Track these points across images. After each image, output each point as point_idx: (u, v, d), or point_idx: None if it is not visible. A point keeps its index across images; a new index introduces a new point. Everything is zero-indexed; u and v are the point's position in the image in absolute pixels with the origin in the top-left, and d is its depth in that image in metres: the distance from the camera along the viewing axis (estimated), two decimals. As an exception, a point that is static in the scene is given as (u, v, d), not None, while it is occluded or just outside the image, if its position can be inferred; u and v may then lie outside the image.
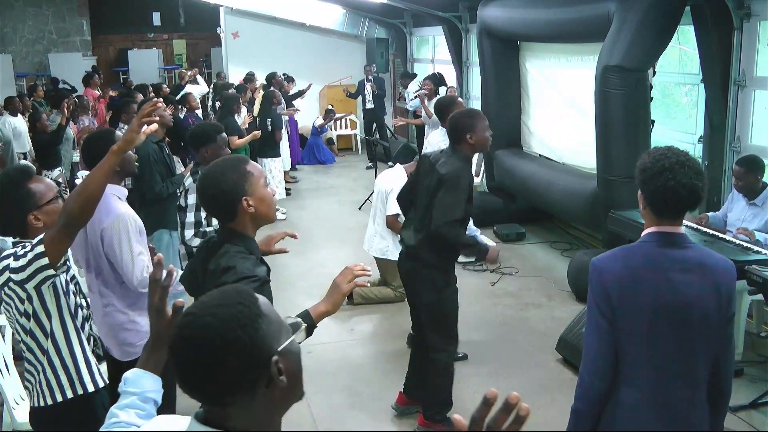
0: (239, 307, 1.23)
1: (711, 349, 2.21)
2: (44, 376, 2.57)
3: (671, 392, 2.22)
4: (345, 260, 7.04)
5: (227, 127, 8.14)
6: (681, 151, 2.24)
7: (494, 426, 1.03)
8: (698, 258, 2.21)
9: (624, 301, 2.21)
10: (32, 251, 2.35)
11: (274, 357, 1.23)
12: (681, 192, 2.17)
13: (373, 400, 4.53)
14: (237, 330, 1.20)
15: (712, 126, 5.82)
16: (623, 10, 5.61)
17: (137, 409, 1.64)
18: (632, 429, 2.23)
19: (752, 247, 4.32)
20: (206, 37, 19.14)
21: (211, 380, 1.20)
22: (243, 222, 2.30)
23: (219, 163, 2.40)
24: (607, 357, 2.23)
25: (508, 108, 8.32)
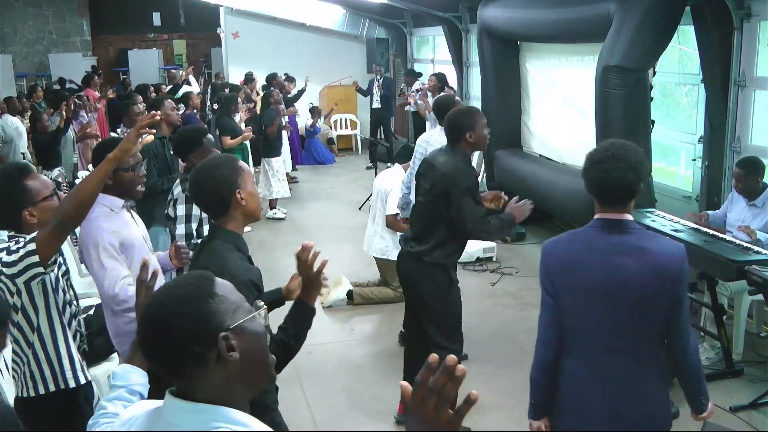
0: (189, 288, 1.38)
1: (654, 328, 2.36)
2: (29, 368, 2.64)
3: (615, 366, 2.38)
4: (345, 260, 7.05)
5: (223, 127, 8.17)
6: (624, 144, 2.39)
7: (435, 387, 1.12)
8: (639, 243, 2.35)
9: (563, 280, 2.43)
10: (24, 248, 2.42)
11: (222, 333, 1.34)
12: (611, 183, 2.35)
13: (373, 400, 4.53)
14: (182, 307, 1.34)
15: (712, 126, 5.82)
16: (623, 10, 5.61)
17: (124, 401, 1.77)
18: (574, 395, 2.46)
19: (752, 247, 4.32)
20: (206, 37, 19.14)
21: (163, 352, 1.35)
22: (233, 217, 2.39)
23: (211, 159, 2.51)
24: (552, 329, 2.47)
25: (508, 108, 8.31)
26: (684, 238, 4.52)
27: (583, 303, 2.40)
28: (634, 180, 2.35)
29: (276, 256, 7.42)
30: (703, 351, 4.83)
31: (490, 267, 6.87)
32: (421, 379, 1.13)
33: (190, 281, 1.40)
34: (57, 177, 6.34)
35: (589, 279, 2.38)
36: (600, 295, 2.36)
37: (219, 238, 2.37)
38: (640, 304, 2.32)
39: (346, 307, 5.99)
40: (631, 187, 2.37)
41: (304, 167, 12.51)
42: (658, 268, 2.30)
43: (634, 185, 2.36)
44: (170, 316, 1.34)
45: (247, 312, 1.41)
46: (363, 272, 6.49)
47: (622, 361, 2.38)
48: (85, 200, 2.44)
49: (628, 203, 2.42)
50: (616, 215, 2.40)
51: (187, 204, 3.94)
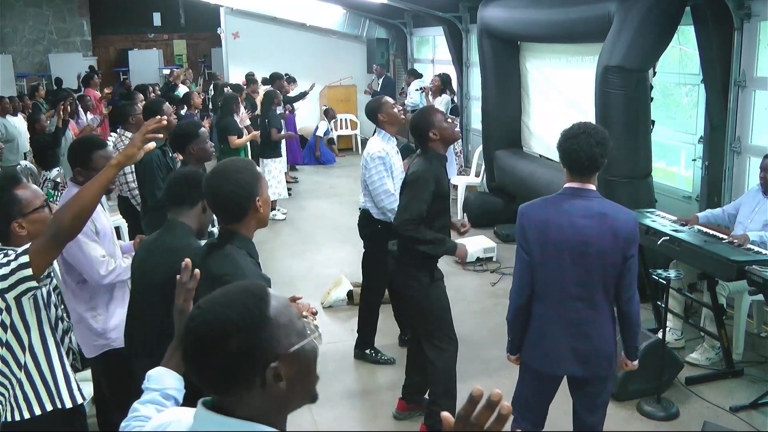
0: (241, 311, 1.25)
1: (609, 280, 2.86)
2: (21, 390, 2.46)
3: (575, 311, 2.90)
4: (345, 260, 7.05)
5: (227, 127, 8.17)
6: (593, 125, 2.92)
7: (478, 423, 1.06)
8: (600, 209, 2.85)
9: (536, 238, 2.92)
10: (16, 260, 2.27)
11: (273, 363, 1.24)
12: (581, 155, 2.83)
13: (373, 400, 4.53)
14: (233, 335, 1.23)
15: (713, 126, 5.82)
16: (623, 10, 5.61)
17: (158, 405, 1.69)
18: (541, 334, 2.98)
19: (752, 248, 4.32)
20: (206, 37, 19.15)
21: (206, 373, 1.26)
22: (248, 224, 2.34)
23: (232, 162, 2.42)
24: (524, 280, 2.98)
25: (508, 108, 8.32)
26: (684, 238, 4.53)
27: (552, 257, 2.89)
28: (600, 153, 2.81)
29: (276, 256, 7.42)
30: (703, 351, 4.83)
31: (490, 267, 6.86)
32: (464, 413, 1.06)
33: (244, 300, 1.27)
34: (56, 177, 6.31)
35: (558, 237, 2.87)
36: (566, 250, 2.85)
37: (231, 243, 2.31)
38: (598, 259, 2.81)
39: (346, 307, 5.99)
40: (597, 159, 2.82)
41: (305, 167, 12.51)
42: (615, 230, 2.81)
43: (599, 158, 2.82)
44: (217, 341, 1.23)
45: (300, 335, 1.30)
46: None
47: (581, 307, 2.90)
48: (85, 208, 2.29)
49: (593, 174, 2.88)
50: (581, 185, 2.88)
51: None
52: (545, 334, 2.99)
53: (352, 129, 14.22)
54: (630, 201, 5.69)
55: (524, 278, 2.98)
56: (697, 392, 4.45)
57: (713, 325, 4.61)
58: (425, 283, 3.80)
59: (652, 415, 4.19)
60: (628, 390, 4.33)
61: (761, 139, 5.50)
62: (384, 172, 4.62)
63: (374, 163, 4.63)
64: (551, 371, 3.06)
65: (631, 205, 5.48)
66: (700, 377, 4.61)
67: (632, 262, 2.88)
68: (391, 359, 5.00)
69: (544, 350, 3.01)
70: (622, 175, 5.86)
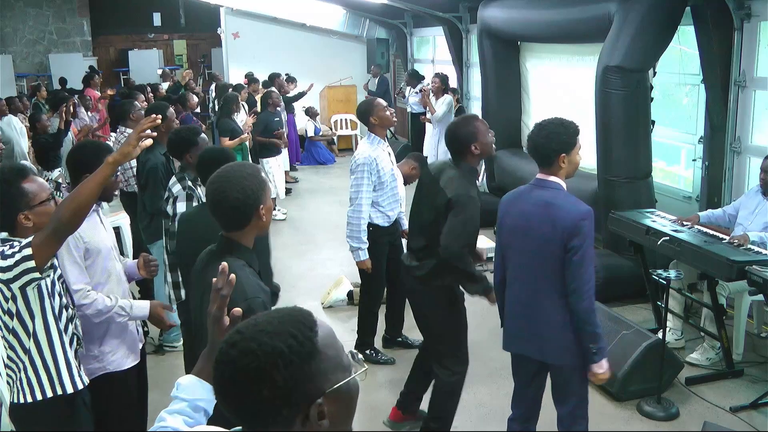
0: (290, 341, 1.15)
1: (551, 268, 2.95)
2: (25, 374, 2.60)
3: (524, 293, 3.10)
4: (345, 260, 7.04)
5: (222, 128, 8.16)
6: (554, 119, 3.02)
7: None
8: (550, 199, 2.96)
9: (500, 222, 3.21)
10: (20, 252, 2.37)
11: (318, 400, 1.16)
12: (531, 146, 3.07)
13: (372, 400, 4.53)
14: (279, 367, 1.13)
15: (713, 126, 5.82)
16: (623, 10, 5.61)
17: (186, 416, 1.61)
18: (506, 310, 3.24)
19: (753, 248, 4.32)
20: (207, 37, 19.13)
21: (243, 405, 1.17)
22: (249, 232, 2.27)
23: (239, 167, 2.31)
24: (496, 262, 3.29)
25: (508, 108, 8.32)
26: (684, 238, 4.53)
27: (508, 241, 3.17)
28: (544, 145, 2.96)
29: (276, 256, 7.39)
30: (704, 351, 4.83)
31: (490, 267, 6.84)
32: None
33: (292, 331, 1.16)
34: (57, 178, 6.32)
35: (511, 222, 3.13)
36: (517, 235, 3.09)
37: (230, 254, 2.22)
38: (539, 246, 2.96)
39: (346, 308, 5.99)
40: (542, 151, 2.99)
41: (305, 167, 12.51)
42: (554, 220, 2.91)
43: (544, 149, 2.97)
44: (261, 373, 1.13)
45: (345, 370, 1.21)
46: (363, 272, 6.49)
47: (528, 290, 3.08)
48: (83, 204, 2.37)
49: (550, 166, 3.00)
50: (544, 176, 3.02)
51: (188, 202, 3.90)
52: (507, 313, 3.23)
53: (352, 129, 14.22)
54: (630, 201, 5.71)
55: (497, 261, 3.29)
56: (698, 392, 4.45)
57: (713, 326, 4.61)
58: (445, 308, 3.65)
59: (652, 415, 4.19)
60: (628, 390, 4.33)
61: (761, 139, 5.51)
62: (365, 179, 4.60)
63: (358, 170, 4.65)
64: (508, 348, 3.26)
65: (631, 206, 5.53)
66: (701, 377, 4.61)
67: (577, 256, 2.88)
68: (391, 359, 5.00)
69: (506, 328, 3.26)
70: (622, 175, 5.87)
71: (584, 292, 2.90)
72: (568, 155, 2.96)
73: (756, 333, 5.11)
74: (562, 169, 2.99)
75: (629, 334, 4.45)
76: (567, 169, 3.01)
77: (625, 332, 4.48)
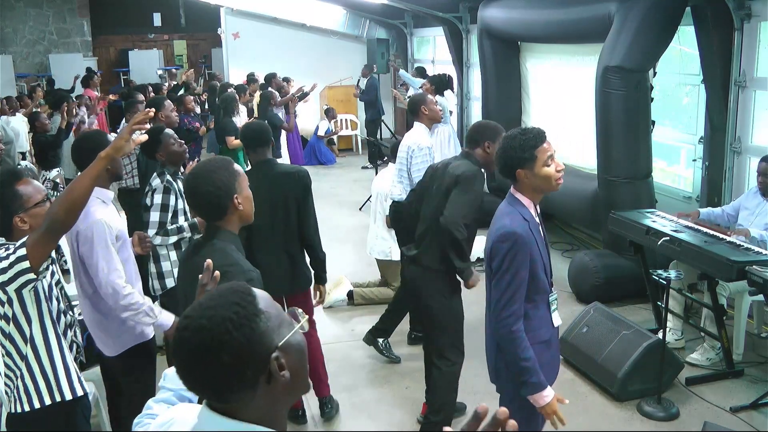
0: (234, 308, 1.24)
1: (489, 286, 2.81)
2: (22, 382, 2.53)
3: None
4: (345, 260, 7.05)
5: (225, 127, 8.16)
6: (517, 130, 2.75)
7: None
8: (497, 213, 2.78)
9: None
10: (15, 254, 2.33)
11: (274, 353, 1.24)
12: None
13: (373, 400, 4.53)
14: (232, 332, 1.21)
15: (713, 126, 5.82)
16: (624, 10, 5.61)
17: (171, 404, 1.66)
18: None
19: (753, 248, 4.32)
20: (207, 37, 19.14)
21: (209, 381, 1.24)
22: (230, 220, 2.39)
23: (208, 162, 2.47)
24: None
25: (508, 108, 8.32)
26: (684, 238, 4.53)
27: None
28: (500, 159, 2.75)
29: (276, 256, 7.41)
30: (704, 351, 4.83)
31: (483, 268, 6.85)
32: (468, 429, 1.04)
33: (232, 299, 1.26)
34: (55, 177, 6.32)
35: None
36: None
37: (219, 238, 2.36)
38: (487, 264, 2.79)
39: (347, 308, 5.99)
40: (497, 166, 2.81)
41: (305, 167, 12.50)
42: (489, 236, 2.76)
43: (499, 164, 2.76)
44: (217, 342, 1.20)
45: (289, 324, 1.31)
46: (363, 272, 6.49)
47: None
48: (77, 201, 2.36)
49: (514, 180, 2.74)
50: (512, 189, 2.80)
51: (164, 194, 3.98)
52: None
53: (352, 129, 14.22)
54: (630, 201, 5.71)
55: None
56: (698, 392, 4.45)
57: (713, 326, 4.61)
58: (447, 295, 3.78)
59: (652, 415, 4.19)
60: (628, 390, 4.34)
61: (761, 140, 5.50)
62: (423, 165, 4.63)
63: (422, 154, 4.73)
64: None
65: (631, 206, 5.53)
66: (701, 377, 4.61)
67: (494, 279, 2.68)
68: (397, 358, 5.00)
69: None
70: (623, 176, 5.87)
71: (497, 318, 2.68)
72: (525, 169, 2.65)
73: (756, 333, 5.11)
74: (524, 183, 2.69)
75: (629, 334, 4.45)
76: (532, 183, 2.68)
77: (625, 332, 4.48)
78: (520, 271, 2.63)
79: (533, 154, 2.65)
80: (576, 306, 5.74)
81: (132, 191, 5.61)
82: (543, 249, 2.74)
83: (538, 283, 2.70)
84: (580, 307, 5.35)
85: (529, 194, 2.73)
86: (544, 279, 2.75)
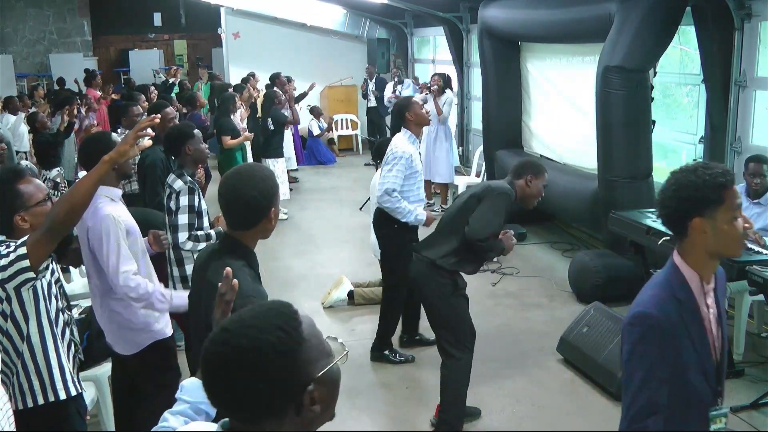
0: (278, 333, 1.18)
1: None
2: (17, 380, 2.54)
3: None
4: (346, 260, 7.05)
5: (221, 127, 8.16)
6: (694, 162, 2.14)
7: None
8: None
9: None
10: (15, 252, 2.35)
11: (310, 386, 1.19)
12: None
13: (373, 400, 4.53)
14: (274, 359, 1.16)
15: (713, 126, 5.82)
16: (624, 10, 5.61)
17: (187, 417, 1.63)
18: None
19: (753, 248, 4.32)
20: (207, 37, 19.15)
21: (236, 402, 1.19)
22: (255, 234, 2.27)
23: (259, 167, 2.34)
24: None
25: (508, 108, 8.32)
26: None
27: None
28: (662, 204, 2.04)
29: (277, 256, 7.42)
30: (704, 351, 4.82)
31: (490, 267, 6.86)
32: None
33: (277, 322, 1.20)
34: (55, 177, 6.32)
35: None
36: None
37: (232, 253, 2.22)
38: None
39: (347, 308, 5.99)
40: (662, 211, 2.08)
41: (305, 167, 12.51)
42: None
43: (662, 211, 2.06)
44: (254, 366, 1.15)
45: (329, 355, 1.25)
46: (363, 272, 6.49)
47: None
48: (78, 203, 2.37)
49: (680, 232, 2.03)
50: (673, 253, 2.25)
51: (189, 195, 3.96)
52: None
53: (352, 129, 14.21)
54: (630, 201, 5.71)
55: None
56: (698, 392, 4.44)
57: (714, 326, 4.60)
58: (449, 291, 3.83)
59: (652, 415, 4.18)
60: (629, 390, 4.32)
61: (762, 139, 5.50)
62: (402, 172, 4.60)
63: (396, 162, 4.60)
64: None
65: (631, 206, 5.53)
66: (701, 377, 4.60)
67: (627, 373, 2.02)
68: (412, 358, 4.99)
69: None
70: (623, 176, 5.87)
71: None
72: (705, 218, 1.92)
73: (756, 333, 5.11)
74: (696, 242, 1.95)
75: (630, 334, 4.45)
76: (708, 243, 1.94)
77: (626, 332, 4.47)
78: (657, 370, 1.91)
79: (721, 196, 1.93)
80: (576, 306, 5.74)
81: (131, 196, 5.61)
82: (702, 345, 1.97)
83: (686, 390, 1.95)
84: (581, 307, 5.35)
85: (698, 261, 1.98)
86: (700, 386, 1.98)
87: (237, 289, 1.65)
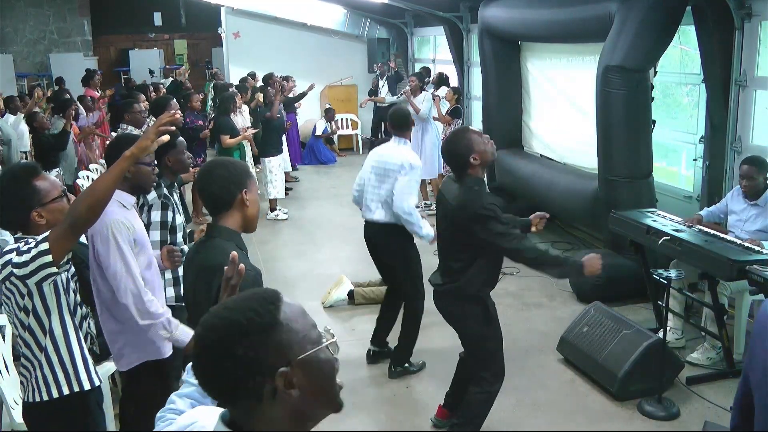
0: (249, 314, 1.21)
1: None
2: (41, 372, 2.58)
3: None
4: (346, 260, 7.06)
5: (220, 126, 8.18)
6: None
7: None
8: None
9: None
10: (36, 248, 2.37)
11: (282, 369, 1.20)
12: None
13: (373, 400, 4.53)
14: (237, 338, 1.19)
15: (713, 126, 5.82)
16: (624, 10, 5.61)
17: (194, 400, 1.66)
18: None
19: (753, 247, 4.32)
20: (207, 37, 19.16)
21: (212, 380, 1.23)
22: (233, 215, 2.44)
23: (216, 161, 2.59)
24: None
25: (509, 108, 8.31)
26: (685, 237, 4.53)
27: None
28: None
29: (277, 256, 7.43)
30: (704, 351, 4.83)
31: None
32: None
33: (253, 305, 1.23)
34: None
35: None
36: None
37: (219, 237, 2.40)
38: None
39: (347, 307, 5.99)
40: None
41: (305, 167, 12.52)
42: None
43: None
44: (223, 345, 1.19)
45: (314, 342, 1.26)
46: (363, 272, 6.49)
47: None
48: (100, 198, 2.39)
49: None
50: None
51: (162, 210, 3.72)
52: None
53: (352, 129, 14.22)
54: (631, 201, 5.71)
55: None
56: (698, 392, 4.45)
57: (714, 325, 4.61)
58: (481, 318, 3.63)
59: (652, 414, 4.19)
60: (629, 390, 4.33)
61: (762, 139, 5.50)
62: (418, 183, 4.64)
63: (412, 173, 4.56)
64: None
65: (632, 205, 5.53)
66: (701, 377, 4.60)
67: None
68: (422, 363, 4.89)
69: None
70: (623, 175, 5.87)
71: None
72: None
73: (757, 333, 5.10)
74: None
75: (630, 333, 4.45)
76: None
77: (626, 332, 4.47)
78: None
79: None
80: (577, 305, 5.75)
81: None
82: None
83: None
84: (581, 307, 5.35)
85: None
86: None
87: (243, 273, 1.69)
